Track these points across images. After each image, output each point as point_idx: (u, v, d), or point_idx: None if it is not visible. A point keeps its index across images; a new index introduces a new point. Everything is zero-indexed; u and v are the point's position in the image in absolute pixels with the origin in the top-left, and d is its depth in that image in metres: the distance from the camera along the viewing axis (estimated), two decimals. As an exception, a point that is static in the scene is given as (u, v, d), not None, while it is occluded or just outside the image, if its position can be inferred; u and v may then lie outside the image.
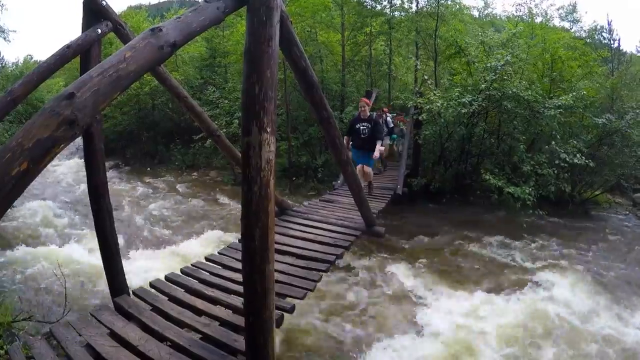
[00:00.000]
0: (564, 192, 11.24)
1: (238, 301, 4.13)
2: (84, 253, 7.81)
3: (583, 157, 10.30)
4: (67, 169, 18.01)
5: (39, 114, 1.71)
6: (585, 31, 21.91)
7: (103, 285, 6.19)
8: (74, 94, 1.76)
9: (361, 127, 8.11)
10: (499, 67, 10.29)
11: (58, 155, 1.85)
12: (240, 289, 4.34)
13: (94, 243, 5.23)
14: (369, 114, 8.26)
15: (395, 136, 13.37)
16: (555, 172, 10.36)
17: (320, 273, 5.06)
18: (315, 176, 14.53)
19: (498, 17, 28.47)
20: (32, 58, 38.17)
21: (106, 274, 4.55)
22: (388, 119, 11.69)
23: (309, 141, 15.64)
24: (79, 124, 1.74)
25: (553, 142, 10.51)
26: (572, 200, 12.02)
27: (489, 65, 10.64)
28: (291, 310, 4.18)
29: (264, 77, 2.48)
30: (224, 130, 12.20)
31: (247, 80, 2.50)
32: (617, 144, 11.84)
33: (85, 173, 4.38)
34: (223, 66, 20.20)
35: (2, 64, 34.66)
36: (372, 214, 6.68)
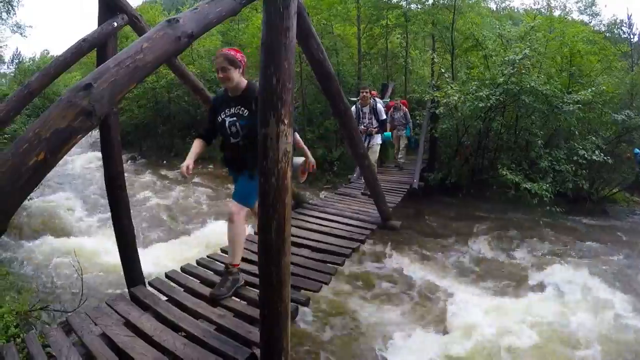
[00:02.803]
0: (581, 189, 11.06)
1: (253, 293, 4.14)
2: (101, 244, 7.89)
3: (601, 154, 10.17)
4: (84, 161, 18.17)
5: (55, 104, 1.72)
6: (604, 25, 21.61)
7: (119, 276, 6.26)
8: (91, 84, 1.76)
9: (227, 119, 3.91)
10: (517, 61, 10.15)
11: (75, 147, 1.85)
12: (255, 280, 4.36)
13: (111, 234, 5.28)
14: (244, 84, 3.88)
15: (389, 134, 10.04)
16: (573, 168, 10.24)
17: (336, 266, 5.05)
18: (331, 169, 14.51)
19: (515, 10, 28.15)
20: (48, 53, 38.80)
21: (122, 264, 4.58)
22: (379, 105, 8.35)
23: (324, 134, 15.62)
24: (96, 115, 1.74)
25: (573, 139, 10.42)
26: (590, 197, 11.84)
27: (506, 58, 10.51)
28: (306, 303, 4.18)
29: (282, 68, 2.46)
30: (240, 123, 12.19)
31: (265, 71, 2.48)
32: (637, 141, 11.65)
33: (97, 167, 4.42)
34: (239, 59, 20.13)
35: (19, 59, 35.20)
36: (388, 207, 6.66)
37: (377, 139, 8.45)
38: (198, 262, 5.06)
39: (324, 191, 11.95)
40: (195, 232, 9.13)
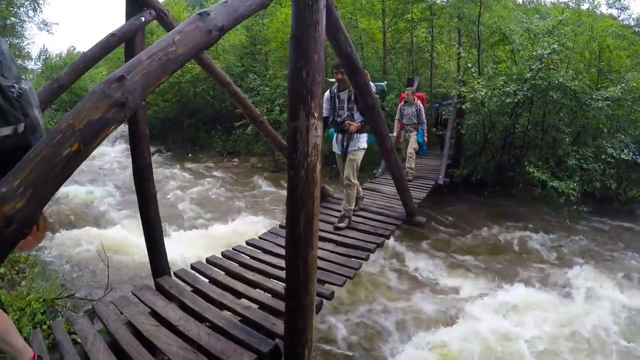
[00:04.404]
0: (608, 189, 10.80)
1: (278, 285, 4.18)
2: (127, 234, 8.00)
3: (630, 153, 9.94)
4: (110, 154, 18.45)
5: (89, 96, 1.74)
6: (633, 19, 21.12)
7: (144, 266, 6.34)
8: (124, 76, 1.78)
9: None
10: (545, 56, 9.96)
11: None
12: (280, 273, 4.40)
13: (137, 225, 5.35)
14: None
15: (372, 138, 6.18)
16: (601, 167, 10.02)
17: (360, 261, 5.07)
18: (356, 164, 14.44)
19: (542, 4, 27.69)
20: (74, 49, 39.65)
21: (149, 254, 4.66)
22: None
23: (349, 129, 15.54)
24: (129, 106, 1.76)
25: (602, 136, 10.20)
26: (617, 198, 11.55)
27: (534, 53, 10.31)
28: (330, 296, 4.20)
29: (312, 61, 2.47)
30: (265, 117, 12.26)
31: (294, 65, 2.50)
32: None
33: (124, 159, 4.47)
34: (263, 54, 20.22)
35: (46, 55, 36.06)
36: (413, 203, 6.63)
37: (360, 141, 6.01)
38: (223, 254, 5.13)
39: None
40: (220, 224, 9.19)
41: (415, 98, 9.99)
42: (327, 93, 6.00)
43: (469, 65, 11.96)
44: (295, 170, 2.58)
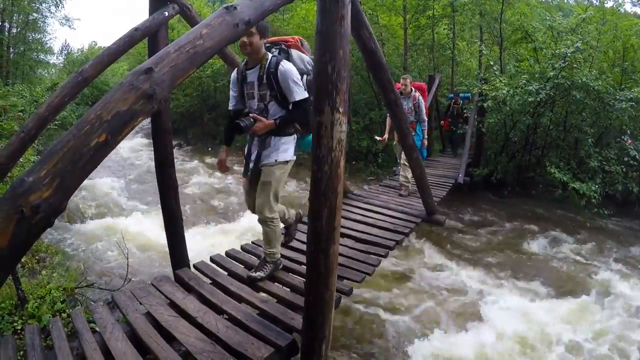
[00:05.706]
0: (630, 193, 10.60)
1: (297, 280, 4.17)
2: (147, 226, 8.07)
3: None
4: (130, 147, 18.63)
5: (117, 88, 1.77)
6: (659, 19, 20.69)
7: (163, 258, 6.40)
8: (152, 69, 1.80)
9: None
10: (569, 54, 9.81)
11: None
12: (299, 268, 4.41)
13: (156, 217, 5.38)
14: None
15: None
16: (624, 169, 9.84)
17: (380, 258, 5.05)
18: (375, 161, 14.46)
19: (565, 1, 27.26)
20: (96, 44, 40.31)
21: (169, 246, 4.71)
22: (286, 69, 3.53)
23: (369, 125, 15.56)
24: (156, 98, 1.78)
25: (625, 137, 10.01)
26: (639, 202, 11.36)
27: (557, 52, 10.15)
28: (349, 292, 4.18)
29: (337, 56, 2.46)
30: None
31: (320, 60, 2.49)
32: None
33: (144, 152, 4.50)
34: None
35: (68, 50, 36.77)
36: (433, 201, 6.60)
37: (280, 150, 3.75)
38: (242, 248, 5.15)
39: (367, 183, 11.89)
40: (240, 218, 9.24)
41: (414, 89, 7.85)
42: (233, 74, 3.93)
43: (491, 63, 11.85)
44: (319, 165, 2.57)
